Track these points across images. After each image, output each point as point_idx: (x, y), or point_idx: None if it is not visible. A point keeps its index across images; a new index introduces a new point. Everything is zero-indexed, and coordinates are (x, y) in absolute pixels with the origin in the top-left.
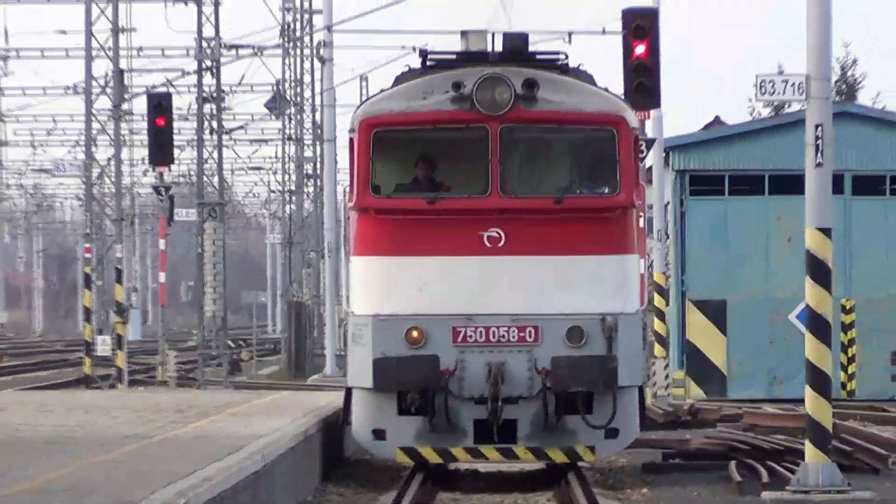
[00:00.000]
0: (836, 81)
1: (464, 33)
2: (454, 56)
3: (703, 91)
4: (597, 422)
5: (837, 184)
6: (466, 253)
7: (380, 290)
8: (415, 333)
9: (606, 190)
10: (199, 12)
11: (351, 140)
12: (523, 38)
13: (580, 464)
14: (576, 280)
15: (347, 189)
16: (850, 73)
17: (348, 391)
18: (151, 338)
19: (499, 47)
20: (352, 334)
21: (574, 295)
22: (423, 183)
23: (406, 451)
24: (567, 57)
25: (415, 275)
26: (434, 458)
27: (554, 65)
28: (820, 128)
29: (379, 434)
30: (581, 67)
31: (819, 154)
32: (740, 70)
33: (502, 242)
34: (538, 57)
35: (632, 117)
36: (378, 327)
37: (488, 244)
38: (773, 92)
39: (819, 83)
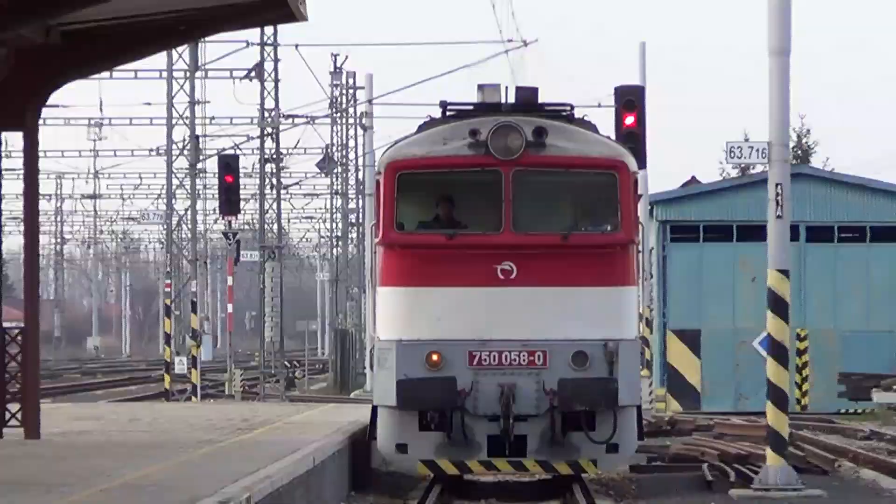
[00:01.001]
0: (793, 147)
1: (480, 87)
2: (471, 106)
3: (681, 152)
4: (599, 438)
5: (794, 233)
6: (481, 284)
7: (403, 317)
8: (434, 357)
9: (609, 228)
10: (262, 88)
11: (378, 182)
12: (533, 90)
13: (583, 475)
14: (580, 309)
15: (374, 226)
16: (804, 140)
17: (374, 409)
18: (220, 359)
19: (511, 99)
20: (377, 358)
21: (579, 323)
22: (443, 221)
23: (426, 464)
24: (573, 108)
25: (435, 304)
26: (451, 470)
27: (561, 114)
28: (779, 186)
29: (402, 448)
30: (585, 118)
31: (779, 208)
32: (713, 134)
33: (514, 275)
34: (546, 107)
35: (631, 162)
36: (401, 351)
37: (501, 276)
38: (741, 156)
39: (779, 149)
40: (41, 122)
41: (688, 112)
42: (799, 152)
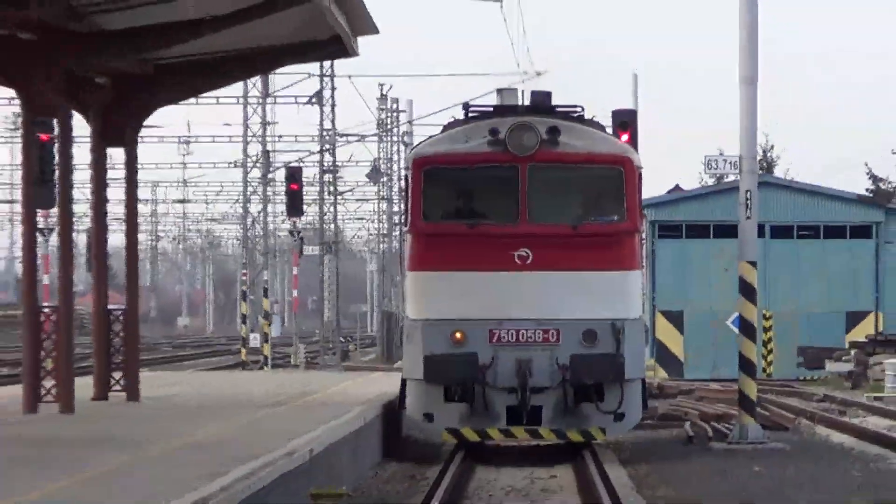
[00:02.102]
0: (760, 160)
1: (499, 91)
2: (491, 108)
3: (667, 164)
4: (607, 408)
5: (760, 231)
6: (500, 269)
7: (429, 298)
8: (458, 335)
9: (615, 218)
10: (321, 111)
11: (406, 177)
12: (547, 94)
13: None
14: (590, 291)
15: (403, 216)
16: (769, 154)
17: (403, 382)
18: (287, 335)
19: (527, 102)
20: (406, 335)
21: (588, 303)
22: (465, 211)
23: (450, 432)
24: (583, 109)
25: (458, 286)
26: (473, 438)
27: (572, 115)
28: (749, 192)
29: (428, 417)
30: (594, 119)
31: (748, 210)
32: (694, 148)
33: (530, 260)
34: (559, 109)
35: (636, 158)
36: (427, 330)
37: (518, 261)
38: (717, 167)
39: (748, 161)
40: (139, 140)
41: (673, 129)
42: (764, 164)
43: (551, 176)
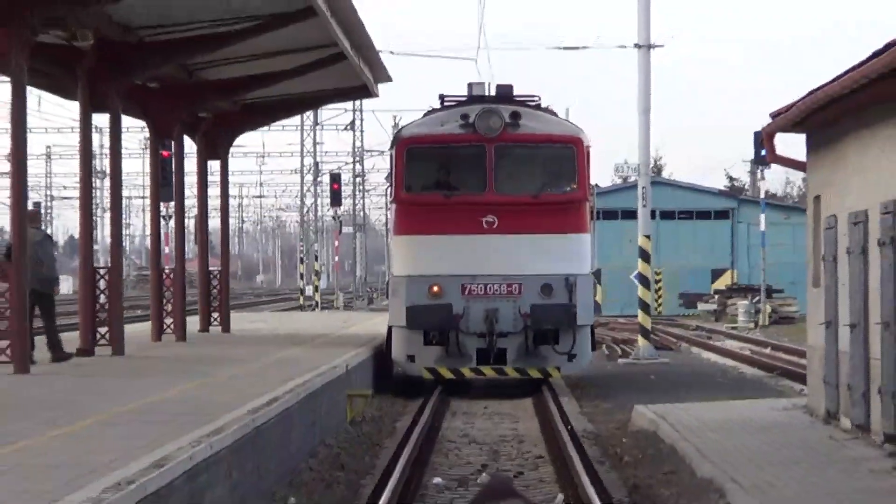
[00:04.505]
0: (652, 166)
1: (469, 84)
2: (463, 97)
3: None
4: (562, 350)
5: (652, 214)
6: (471, 232)
7: (411, 258)
8: (435, 288)
9: (568, 189)
10: (354, 135)
11: (391, 155)
12: (510, 86)
13: (550, 379)
14: (547, 251)
15: (388, 189)
16: (658, 161)
17: (389, 328)
18: (331, 287)
19: (493, 92)
20: (392, 289)
21: (546, 261)
22: (441, 183)
23: (429, 370)
24: (540, 99)
25: (435, 247)
26: (449, 375)
27: (531, 104)
28: (644, 188)
29: (411, 358)
30: (550, 107)
31: (644, 200)
32: (607, 157)
33: (496, 225)
34: (519, 98)
35: (586, 138)
36: (410, 284)
37: (486, 226)
38: (623, 171)
39: (644, 167)
40: (230, 154)
41: (594, 143)
42: (655, 168)
43: (514, 153)
